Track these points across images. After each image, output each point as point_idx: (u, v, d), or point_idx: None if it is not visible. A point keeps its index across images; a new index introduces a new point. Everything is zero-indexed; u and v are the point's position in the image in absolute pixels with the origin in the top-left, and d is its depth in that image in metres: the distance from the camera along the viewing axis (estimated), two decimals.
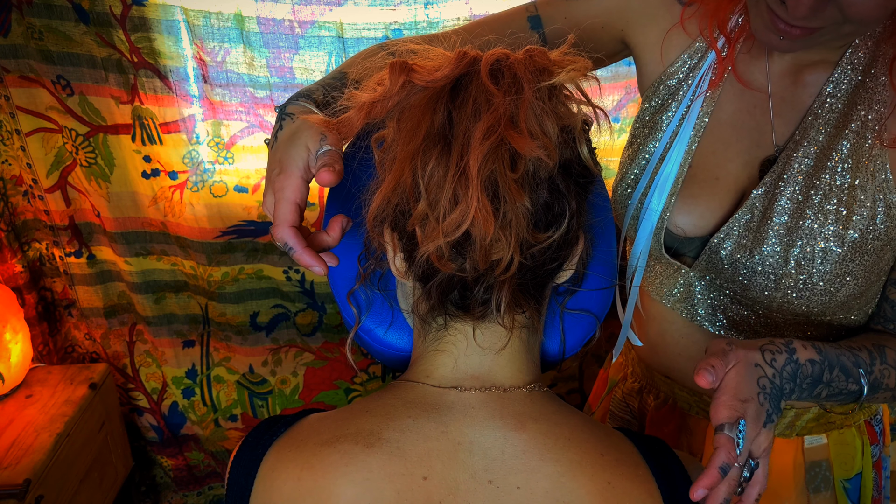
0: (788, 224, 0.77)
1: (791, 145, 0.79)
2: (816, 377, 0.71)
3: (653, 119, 0.87)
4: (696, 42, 0.84)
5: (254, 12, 1.31)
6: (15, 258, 1.56)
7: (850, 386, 0.74)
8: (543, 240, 0.58)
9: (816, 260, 0.76)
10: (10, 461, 1.29)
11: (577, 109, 0.61)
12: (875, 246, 0.76)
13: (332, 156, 0.62)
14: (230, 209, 1.50)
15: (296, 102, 0.70)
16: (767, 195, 0.79)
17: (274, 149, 0.67)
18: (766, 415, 0.64)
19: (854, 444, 0.92)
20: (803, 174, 0.77)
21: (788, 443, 0.91)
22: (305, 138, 0.64)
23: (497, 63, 0.57)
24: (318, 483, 0.56)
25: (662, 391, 0.98)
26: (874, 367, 0.75)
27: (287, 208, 0.62)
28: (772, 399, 0.66)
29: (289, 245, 0.61)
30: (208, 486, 1.88)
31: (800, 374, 0.70)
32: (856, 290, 0.79)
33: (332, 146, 0.63)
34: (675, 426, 0.97)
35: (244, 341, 1.65)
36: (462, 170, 0.54)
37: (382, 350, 0.72)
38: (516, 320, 0.61)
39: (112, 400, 1.61)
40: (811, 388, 0.72)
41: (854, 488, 0.93)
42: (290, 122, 0.67)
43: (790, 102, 0.80)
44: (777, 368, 0.68)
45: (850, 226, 0.75)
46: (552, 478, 0.56)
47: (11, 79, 1.42)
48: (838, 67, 0.77)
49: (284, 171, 0.63)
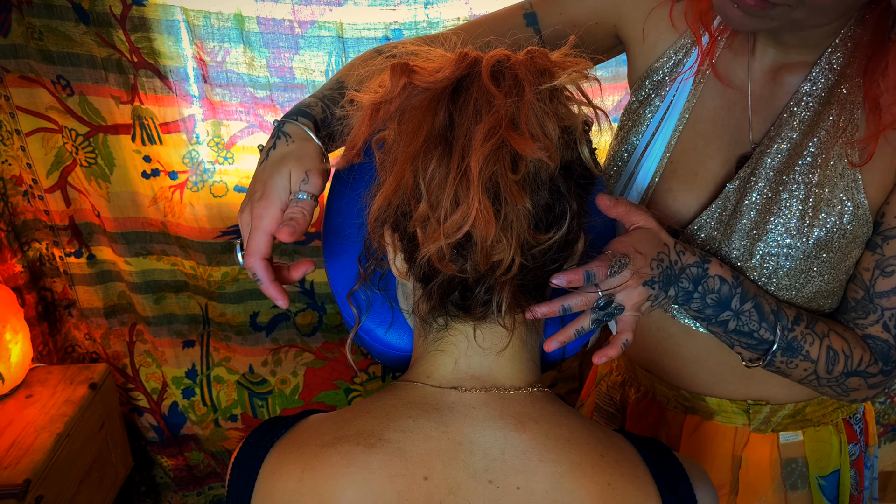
0: (756, 219, 0.78)
1: (766, 141, 0.80)
2: (724, 299, 0.74)
3: (636, 112, 0.88)
4: (681, 38, 0.85)
5: (254, 12, 1.31)
6: (15, 258, 1.57)
7: (763, 333, 0.75)
8: (544, 241, 0.58)
9: (780, 256, 0.77)
10: (10, 461, 1.29)
11: (578, 110, 0.61)
12: (841, 244, 0.77)
13: (305, 208, 0.64)
14: (230, 209, 1.50)
15: (295, 121, 0.70)
16: (740, 189, 0.80)
17: (262, 166, 0.67)
18: (650, 279, 0.68)
19: (830, 442, 0.92)
20: (774, 170, 0.78)
21: (764, 439, 0.92)
22: (291, 169, 0.65)
23: (498, 64, 0.57)
24: (320, 484, 0.56)
25: (643, 384, 0.99)
26: (797, 326, 0.76)
27: (261, 239, 0.64)
28: (662, 274, 0.69)
29: (257, 276, 0.64)
30: (208, 486, 1.88)
31: (704, 284, 0.72)
32: (822, 287, 0.79)
33: (311, 190, 0.65)
34: (654, 419, 0.98)
35: (244, 341, 1.65)
36: (463, 171, 0.54)
37: (382, 350, 0.72)
38: (517, 321, 0.61)
39: (112, 400, 1.61)
40: (716, 309, 0.74)
41: (830, 486, 0.93)
42: (284, 144, 0.67)
43: (768, 101, 0.81)
44: (682, 261, 0.72)
45: (816, 224, 0.76)
46: (552, 478, 0.57)
47: (11, 79, 1.42)
48: (816, 67, 0.77)
49: (266, 197, 0.64)
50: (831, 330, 0.79)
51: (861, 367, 0.78)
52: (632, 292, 0.67)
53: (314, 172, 0.65)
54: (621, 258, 0.66)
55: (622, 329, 0.69)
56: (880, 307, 0.78)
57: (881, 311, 0.78)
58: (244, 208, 0.66)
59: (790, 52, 0.79)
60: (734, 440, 0.92)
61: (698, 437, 0.94)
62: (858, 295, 0.79)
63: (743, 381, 0.90)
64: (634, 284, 0.67)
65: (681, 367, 0.93)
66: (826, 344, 0.77)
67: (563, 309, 0.63)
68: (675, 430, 0.96)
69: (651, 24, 0.86)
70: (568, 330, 0.66)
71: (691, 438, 0.94)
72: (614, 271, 0.65)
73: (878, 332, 0.78)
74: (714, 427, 0.93)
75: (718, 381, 0.91)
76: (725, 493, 0.94)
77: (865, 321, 0.79)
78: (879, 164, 0.74)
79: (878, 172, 0.74)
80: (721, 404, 0.91)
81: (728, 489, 0.93)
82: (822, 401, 0.91)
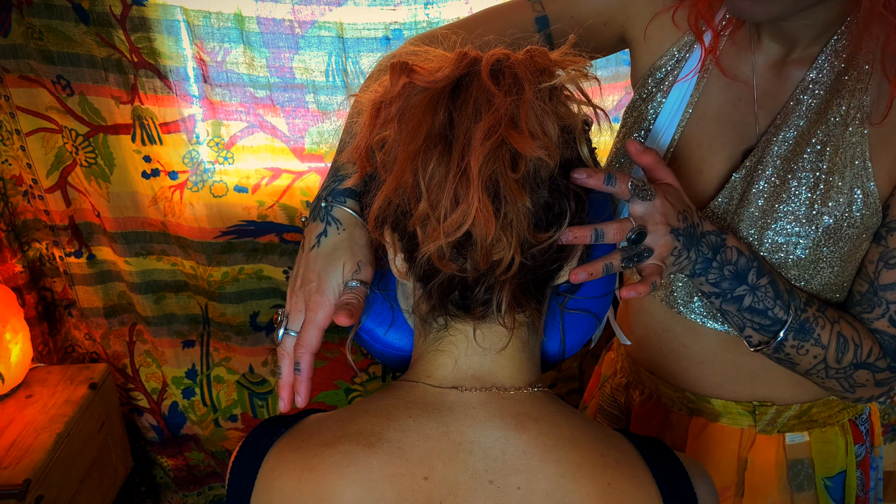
0: (764, 207, 0.78)
1: (772, 129, 0.79)
2: (741, 272, 0.73)
3: (639, 109, 0.88)
4: (685, 35, 0.85)
5: (254, 12, 1.31)
6: (15, 258, 1.57)
7: (777, 311, 0.74)
8: (544, 240, 0.58)
9: (789, 244, 0.77)
10: (10, 461, 1.29)
11: (578, 109, 0.61)
12: (850, 234, 0.76)
13: (358, 294, 0.65)
14: (230, 209, 1.50)
15: (343, 204, 0.68)
16: (746, 179, 0.80)
17: (315, 254, 0.67)
18: (676, 230, 0.68)
19: (836, 443, 0.92)
20: (781, 158, 0.78)
21: (770, 440, 0.91)
22: (345, 262, 0.66)
23: (498, 63, 0.57)
24: (319, 484, 0.56)
25: (647, 387, 0.99)
26: (809, 308, 0.76)
27: (314, 335, 0.65)
28: (686, 231, 0.69)
29: (300, 368, 0.65)
30: (208, 486, 1.88)
31: (722, 253, 0.72)
32: (831, 280, 0.78)
33: (364, 279, 0.66)
34: (658, 421, 0.98)
35: (244, 341, 1.65)
36: (463, 170, 0.54)
37: (382, 350, 0.72)
38: (517, 320, 0.61)
39: (112, 400, 1.61)
40: (733, 282, 0.73)
41: (836, 486, 0.93)
42: (336, 233, 0.67)
43: (773, 95, 0.81)
44: (703, 227, 0.71)
45: (825, 211, 0.75)
46: (552, 478, 0.56)
47: (11, 79, 1.42)
48: (822, 54, 0.77)
49: (321, 291, 0.65)
50: (841, 317, 0.77)
51: (870, 359, 0.76)
52: (658, 237, 0.66)
53: (366, 264, 0.67)
54: (645, 185, 0.65)
55: (649, 273, 0.68)
56: (885, 300, 0.76)
57: (886, 304, 0.76)
58: (297, 292, 0.67)
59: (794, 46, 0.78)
60: (740, 442, 0.92)
61: (704, 440, 0.94)
62: (863, 288, 0.78)
63: (749, 382, 0.89)
64: (663, 223, 0.66)
65: (686, 369, 0.92)
66: (837, 330, 0.76)
67: (597, 234, 0.62)
68: (681, 433, 0.95)
69: (654, 24, 0.86)
70: (597, 263, 0.64)
71: (696, 441, 0.94)
72: (641, 195, 0.65)
73: (884, 327, 0.77)
74: (719, 429, 0.92)
75: (724, 383, 0.91)
76: (731, 495, 0.93)
77: (871, 315, 0.78)
78: (889, 152, 0.74)
79: (888, 161, 0.74)
80: (726, 406, 0.91)
81: (734, 491, 0.93)
82: (828, 401, 0.90)
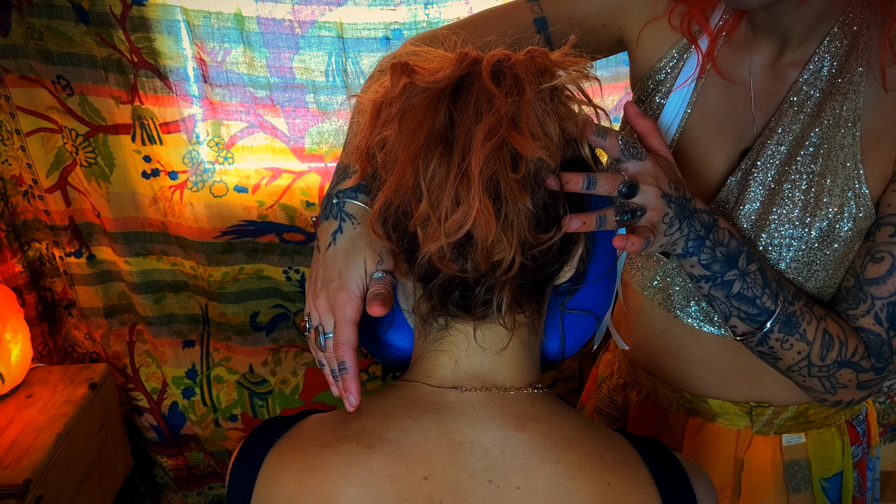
0: (759, 210, 0.78)
1: (766, 132, 0.79)
2: (732, 255, 0.72)
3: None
4: (682, 38, 0.85)
5: (254, 12, 1.31)
6: (15, 258, 1.57)
7: (765, 300, 0.73)
8: (545, 240, 0.58)
9: (783, 247, 0.77)
10: (10, 461, 1.29)
11: (578, 110, 0.61)
12: (845, 237, 0.76)
13: (386, 284, 0.64)
14: (230, 209, 1.50)
15: (354, 199, 0.68)
16: (742, 182, 0.80)
17: (333, 252, 0.66)
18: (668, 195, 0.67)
19: (833, 444, 0.92)
20: (777, 161, 0.78)
21: (766, 441, 0.91)
22: (364, 255, 0.65)
23: (498, 64, 0.57)
24: (320, 484, 0.56)
25: (645, 387, 0.99)
26: (797, 301, 0.75)
27: (349, 330, 0.64)
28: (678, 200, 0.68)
29: (346, 366, 0.64)
30: (208, 486, 1.88)
31: (714, 234, 0.71)
32: (825, 283, 0.79)
33: (387, 268, 0.65)
34: (656, 421, 0.98)
35: (244, 341, 1.65)
36: (464, 171, 0.54)
37: (382, 350, 0.72)
38: (517, 321, 0.61)
39: (112, 400, 1.61)
40: (724, 265, 0.72)
41: (833, 488, 0.93)
42: (351, 228, 0.66)
43: (770, 95, 0.81)
44: (695, 203, 0.71)
45: (819, 214, 0.75)
46: (552, 478, 0.57)
47: (11, 79, 1.42)
48: (815, 55, 0.77)
49: (344, 288, 0.64)
50: (828, 314, 0.77)
51: (855, 357, 0.75)
52: (650, 197, 0.66)
53: (386, 253, 0.65)
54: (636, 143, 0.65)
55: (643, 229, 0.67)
56: (870, 296, 0.75)
57: (871, 300, 0.75)
58: (318, 293, 0.66)
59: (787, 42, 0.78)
60: (737, 442, 0.92)
61: (701, 440, 0.94)
62: (849, 283, 0.77)
63: (746, 382, 0.90)
64: (654, 185, 0.66)
65: (684, 369, 0.92)
66: (822, 326, 0.75)
67: (588, 181, 0.60)
68: (678, 433, 0.96)
69: (649, 30, 0.86)
70: (592, 214, 0.63)
71: (693, 441, 0.94)
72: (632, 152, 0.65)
73: (869, 325, 0.76)
74: (716, 429, 0.93)
75: (722, 383, 0.91)
76: (728, 496, 0.93)
77: (856, 311, 0.76)
78: (882, 153, 0.74)
79: (881, 161, 0.74)
80: (724, 406, 0.91)
81: (730, 491, 0.93)
82: None
